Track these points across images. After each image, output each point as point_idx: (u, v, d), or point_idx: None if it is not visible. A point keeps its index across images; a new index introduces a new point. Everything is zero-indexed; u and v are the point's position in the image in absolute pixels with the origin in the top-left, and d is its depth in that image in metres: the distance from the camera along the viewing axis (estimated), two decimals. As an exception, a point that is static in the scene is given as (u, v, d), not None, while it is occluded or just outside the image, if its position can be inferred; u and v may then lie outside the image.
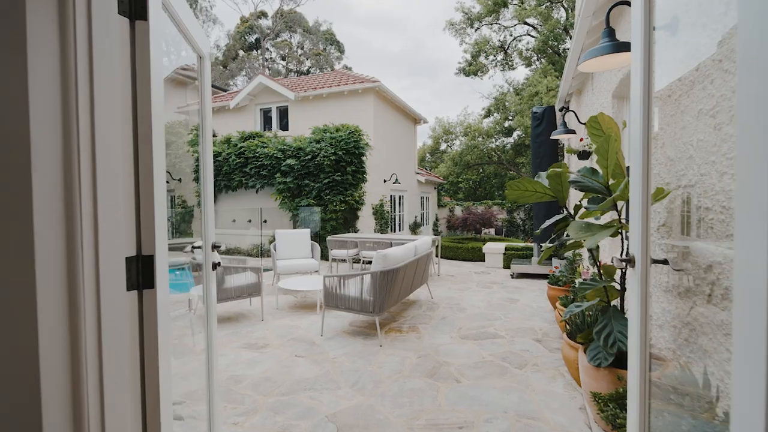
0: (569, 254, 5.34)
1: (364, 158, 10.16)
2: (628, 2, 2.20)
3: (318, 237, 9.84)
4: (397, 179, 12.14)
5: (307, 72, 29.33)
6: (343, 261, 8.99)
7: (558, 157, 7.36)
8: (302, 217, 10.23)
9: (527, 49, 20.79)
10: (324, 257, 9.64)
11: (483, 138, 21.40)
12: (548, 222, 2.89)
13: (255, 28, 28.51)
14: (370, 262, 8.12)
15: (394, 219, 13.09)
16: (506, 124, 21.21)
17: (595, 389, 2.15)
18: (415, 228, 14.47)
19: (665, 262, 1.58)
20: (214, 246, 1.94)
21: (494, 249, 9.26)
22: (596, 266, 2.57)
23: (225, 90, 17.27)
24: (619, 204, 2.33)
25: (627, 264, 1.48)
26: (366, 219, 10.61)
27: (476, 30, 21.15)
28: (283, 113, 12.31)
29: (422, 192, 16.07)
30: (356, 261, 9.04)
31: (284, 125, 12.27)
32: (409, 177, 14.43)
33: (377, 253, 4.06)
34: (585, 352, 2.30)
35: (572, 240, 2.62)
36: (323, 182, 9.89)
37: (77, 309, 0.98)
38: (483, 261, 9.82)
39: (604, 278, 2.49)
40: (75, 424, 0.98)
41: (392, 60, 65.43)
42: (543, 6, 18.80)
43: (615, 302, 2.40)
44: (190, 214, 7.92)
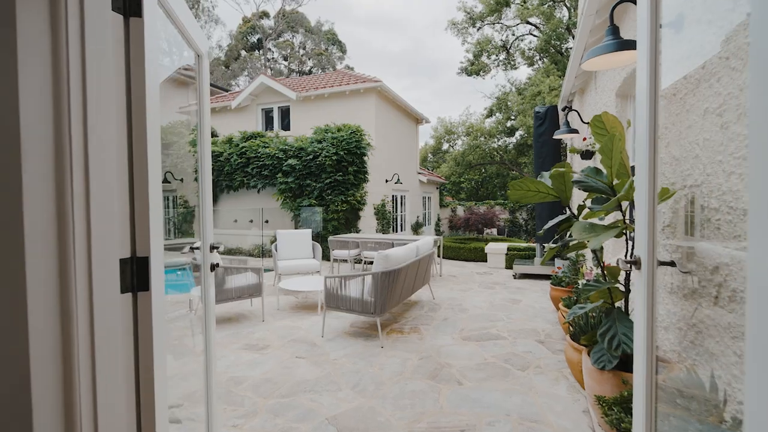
0: (572, 255, 5.29)
1: (366, 158, 10.13)
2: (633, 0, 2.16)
3: (319, 237, 9.82)
4: (399, 179, 12.11)
5: (309, 72, 29.35)
6: (345, 261, 8.98)
7: (561, 157, 7.32)
8: (304, 218, 10.21)
9: (530, 49, 20.74)
10: (325, 257, 9.62)
11: (485, 138, 21.36)
12: (551, 222, 2.86)
13: (257, 28, 28.55)
14: (372, 263, 8.09)
15: (396, 219, 13.06)
16: (508, 124, 21.15)
17: (599, 392, 2.12)
18: (417, 228, 14.44)
19: (672, 264, 1.54)
20: (213, 247, 1.92)
21: (496, 249, 9.21)
22: (600, 267, 2.54)
23: (227, 90, 17.27)
24: (624, 204, 2.30)
25: (632, 266, 1.45)
26: (368, 219, 10.59)
27: (478, 29, 21.11)
28: (285, 113, 12.32)
29: (424, 192, 16.03)
30: (358, 261, 9.02)
31: (286, 125, 12.27)
32: (411, 177, 14.39)
33: (379, 254, 4.03)
34: (589, 355, 2.27)
35: (576, 241, 2.58)
36: (325, 182, 9.87)
37: (69, 312, 0.96)
38: (485, 261, 9.78)
39: (609, 279, 2.46)
40: (66, 428, 0.96)
41: (392, 60, 65.50)
42: (545, 5, 18.75)
43: (619, 304, 2.37)
44: (192, 215, 7.93)
